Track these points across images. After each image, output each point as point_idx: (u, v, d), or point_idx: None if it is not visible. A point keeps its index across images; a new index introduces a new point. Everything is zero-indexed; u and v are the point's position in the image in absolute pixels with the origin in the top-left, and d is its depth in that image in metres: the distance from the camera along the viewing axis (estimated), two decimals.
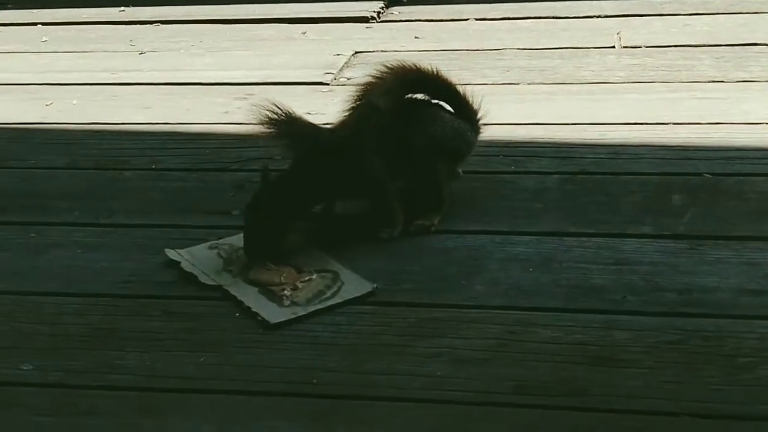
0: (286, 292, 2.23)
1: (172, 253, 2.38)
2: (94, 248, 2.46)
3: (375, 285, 2.23)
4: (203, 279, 2.29)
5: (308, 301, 2.21)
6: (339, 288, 2.24)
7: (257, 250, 2.30)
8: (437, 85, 2.47)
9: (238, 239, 2.40)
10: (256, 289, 2.25)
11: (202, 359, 2.07)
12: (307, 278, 2.27)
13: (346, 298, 2.21)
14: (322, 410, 1.93)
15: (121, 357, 2.09)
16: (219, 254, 2.37)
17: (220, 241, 2.42)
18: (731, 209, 2.42)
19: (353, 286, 2.24)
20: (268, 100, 2.36)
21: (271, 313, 2.17)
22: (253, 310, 2.18)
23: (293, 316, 2.16)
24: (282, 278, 2.27)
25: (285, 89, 3.18)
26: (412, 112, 2.44)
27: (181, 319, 2.19)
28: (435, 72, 2.45)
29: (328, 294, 2.23)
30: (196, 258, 2.36)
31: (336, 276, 2.28)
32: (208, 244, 2.41)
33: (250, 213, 2.30)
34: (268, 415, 1.93)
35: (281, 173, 2.36)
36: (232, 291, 2.25)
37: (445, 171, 2.45)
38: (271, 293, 2.23)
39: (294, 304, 2.20)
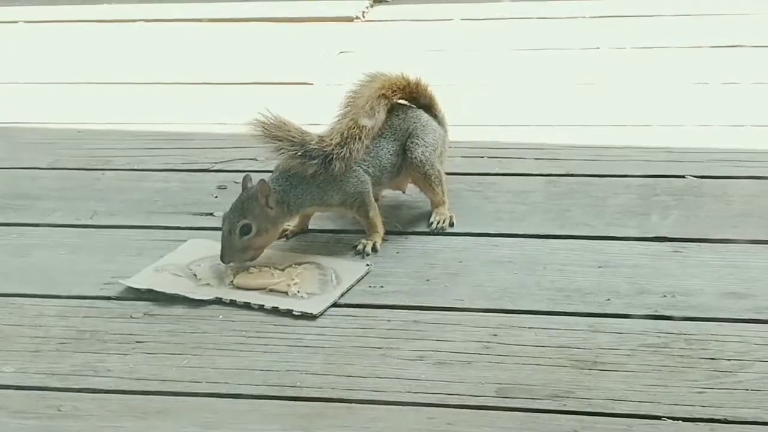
0: (291, 288, 2.21)
1: (132, 283, 2.26)
2: (76, 249, 2.45)
3: (368, 264, 2.22)
4: (193, 297, 2.21)
5: (322, 290, 2.19)
6: (334, 275, 2.23)
7: (230, 256, 2.26)
8: (417, 92, 2.49)
9: (181, 254, 2.33)
10: (257, 291, 2.21)
11: (184, 362, 2.06)
12: (298, 272, 2.24)
13: (351, 282, 2.20)
14: (305, 413, 1.93)
15: (103, 359, 2.08)
16: (175, 274, 2.28)
17: (162, 262, 2.32)
18: (715, 212, 2.42)
19: (347, 271, 2.23)
20: (261, 106, 2.34)
21: (305, 305, 2.15)
22: (282, 308, 2.15)
23: (329, 303, 2.14)
24: (274, 276, 2.25)
25: (270, 89, 3.17)
26: (411, 118, 2.45)
27: (164, 321, 2.18)
28: (416, 80, 2.47)
29: (333, 280, 2.21)
30: (161, 284, 2.25)
31: (318, 265, 2.27)
32: (153, 267, 2.31)
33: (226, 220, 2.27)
34: (251, 419, 1.92)
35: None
36: (239, 299, 2.19)
37: (442, 171, 2.46)
38: (277, 291, 2.20)
39: (311, 294, 2.18)
